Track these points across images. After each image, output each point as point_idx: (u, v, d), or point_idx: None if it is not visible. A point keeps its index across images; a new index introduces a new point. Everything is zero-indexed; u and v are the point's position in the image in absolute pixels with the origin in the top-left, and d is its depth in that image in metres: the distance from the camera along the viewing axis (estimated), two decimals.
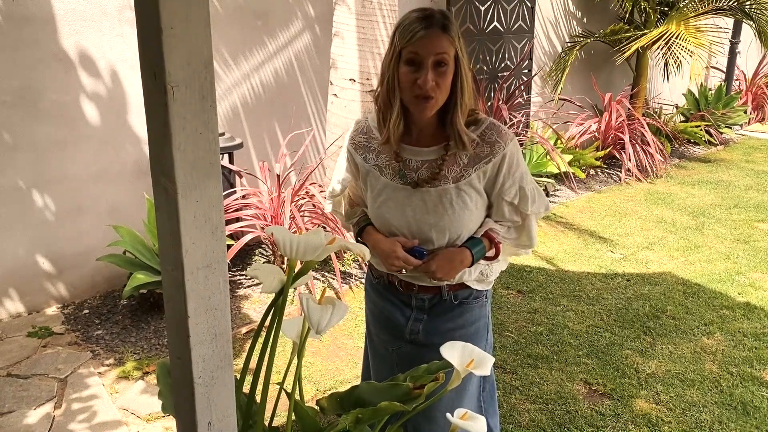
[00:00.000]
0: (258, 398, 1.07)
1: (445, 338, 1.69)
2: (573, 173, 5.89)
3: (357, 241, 1.77)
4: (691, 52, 5.92)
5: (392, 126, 1.57)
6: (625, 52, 6.32)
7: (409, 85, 1.51)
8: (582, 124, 6.60)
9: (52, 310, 3.61)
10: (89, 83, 3.55)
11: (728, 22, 8.27)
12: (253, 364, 1.06)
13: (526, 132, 5.69)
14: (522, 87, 5.87)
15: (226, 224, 3.67)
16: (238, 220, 3.85)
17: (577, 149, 6.40)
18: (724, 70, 8.96)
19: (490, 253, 1.67)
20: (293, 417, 1.07)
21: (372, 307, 1.84)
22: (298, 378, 1.11)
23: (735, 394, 2.93)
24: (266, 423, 1.10)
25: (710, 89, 8.49)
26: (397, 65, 1.52)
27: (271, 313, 1.05)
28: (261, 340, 1.04)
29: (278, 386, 1.14)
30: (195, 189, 0.80)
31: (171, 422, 2.65)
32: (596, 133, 6.67)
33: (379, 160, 1.66)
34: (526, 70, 6.06)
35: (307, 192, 4.01)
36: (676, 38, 6.01)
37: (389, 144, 1.61)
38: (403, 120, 1.58)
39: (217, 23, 3.98)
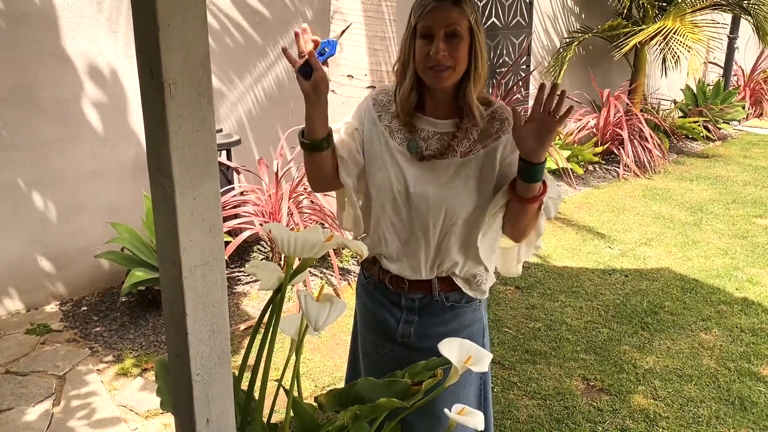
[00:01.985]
0: (256, 395, 1.07)
1: (437, 343, 1.69)
2: (571, 169, 5.90)
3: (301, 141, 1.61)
4: (689, 47, 5.92)
5: (402, 95, 1.58)
6: (623, 48, 6.32)
7: (423, 58, 1.53)
8: (580, 119, 6.60)
9: (51, 307, 3.61)
10: (87, 80, 3.54)
11: (726, 17, 8.27)
12: (251, 360, 1.06)
13: None
14: (520, 83, 5.87)
15: (224, 221, 3.67)
16: (236, 216, 3.85)
17: (575, 145, 6.40)
18: (722, 65, 8.96)
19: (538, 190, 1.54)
20: (291, 413, 1.07)
21: (362, 309, 1.82)
22: (296, 374, 1.11)
23: (732, 389, 2.93)
24: (264, 419, 1.10)
25: (708, 85, 8.50)
26: (413, 41, 1.55)
27: (269, 310, 1.05)
28: (259, 336, 1.04)
29: (276, 383, 1.14)
30: (192, 187, 0.80)
31: (170, 419, 2.65)
32: (594, 129, 6.67)
33: (393, 124, 1.65)
34: (524, 66, 6.06)
35: (305, 188, 4.00)
36: (674, 34, 6.01)
37: (401, 116, 1.61)
38: (416, 92, 1.59)
39: (215, 29, 3.97)
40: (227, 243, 3.60)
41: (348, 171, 1.64)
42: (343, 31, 1.65)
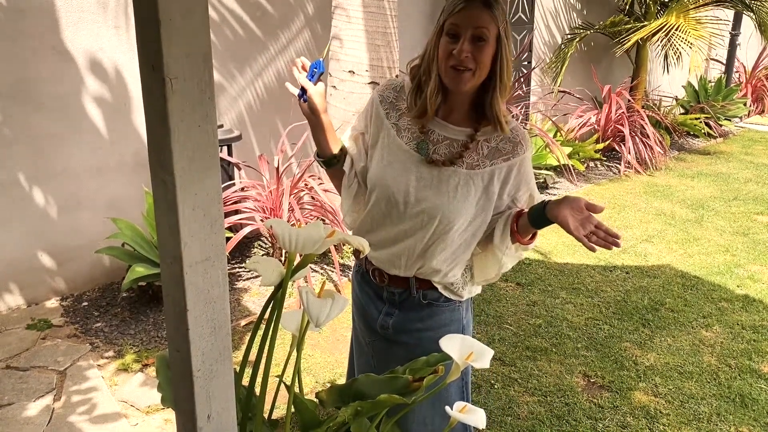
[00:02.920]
0: (257, 391, 1.07)
1: (413, 338, 1.69)
2: (572, 166, 5.89)
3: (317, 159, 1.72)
4: (691, 44, 5.91)
5: (429, 96, 1.55)
6: (625, 44, 6.31)
7: (445, 56, 1.50)
8: (581, 116, 6.59)
9: (52, 302, 3.61)
10: (88, 76, 3.53)
11: (728, 13, 8.26)
12: (252, 356, 1.06)
13: (526, 124, 5.68)
14: (521, 79, 5.86)
15: (225, 217, 3.67)
16: (237, 212, 3.84)
17: (577, 141, 6.39)
18: (724, 62, 8.95)
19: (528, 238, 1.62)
20: (292, 409, 1.07)
21: (354, 297, 1.84)
22: (297, 370, 1.11)
23: (733, 386, 2.94)
24: (265, 415, 1.10)
25: (710, 81, 8.49)
26: (439, 38, 1.53)
27: (270, 305, 1.05)
28: (260, 332, 1.04)
29: (278, 379, 1.14)
30: (193, 182, 0.80)
31: (171, 414, 2.65)
32: (596, 126, 6.66)
33: (401, 121, 1.63)
34: (525, 62, 6.04)
35: (306, 184, 4.00)
36: (676, 30, 5.99)
37: (425, 117, 1.58)
38: (440, 93, 1.56)
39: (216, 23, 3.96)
40: (228, 239, 3.60)
41: (349, 176, 1.69)
42: (327, 49, 1.69)
